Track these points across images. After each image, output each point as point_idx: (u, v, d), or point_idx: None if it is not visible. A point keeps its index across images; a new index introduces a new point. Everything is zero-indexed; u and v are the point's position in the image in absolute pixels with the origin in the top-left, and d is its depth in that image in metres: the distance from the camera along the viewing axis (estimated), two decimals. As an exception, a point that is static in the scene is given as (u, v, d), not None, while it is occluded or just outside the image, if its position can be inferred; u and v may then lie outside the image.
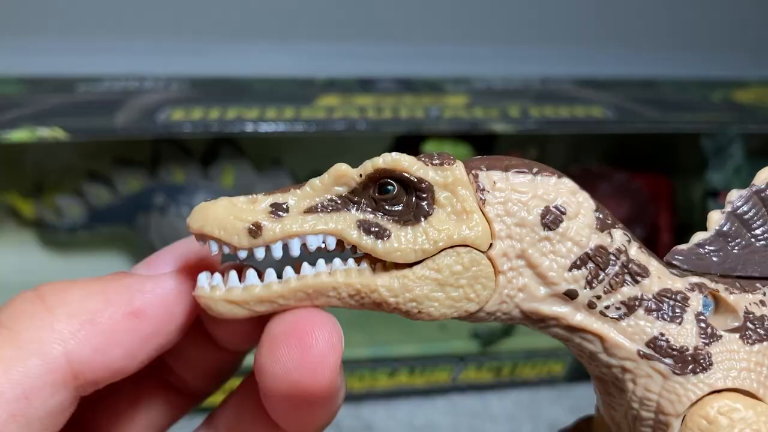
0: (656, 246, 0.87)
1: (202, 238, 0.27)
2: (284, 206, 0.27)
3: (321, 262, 0.27)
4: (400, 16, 1.07)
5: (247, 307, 0.27)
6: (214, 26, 1.03)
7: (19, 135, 0.64)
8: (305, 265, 0.27)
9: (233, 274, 0.27)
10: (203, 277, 0.27)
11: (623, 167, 0.87)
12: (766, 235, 0.30)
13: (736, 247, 0.30)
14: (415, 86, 0.82)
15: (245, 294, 0.27)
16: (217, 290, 0.27)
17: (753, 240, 0.30)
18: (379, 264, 0.27)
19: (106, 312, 0.28)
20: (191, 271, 0.29)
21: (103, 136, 0.68)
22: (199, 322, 0.31)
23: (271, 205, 0.27)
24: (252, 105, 0.71)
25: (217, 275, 0.27)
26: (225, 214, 0.26)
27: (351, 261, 0.27)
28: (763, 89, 0.89)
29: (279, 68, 0.92)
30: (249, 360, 0.72)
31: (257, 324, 0.28)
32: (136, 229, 0.78)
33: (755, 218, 0.30)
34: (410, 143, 0.76)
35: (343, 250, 0.28)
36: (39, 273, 0.81)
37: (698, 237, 0.30)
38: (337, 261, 0.27)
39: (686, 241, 0.31)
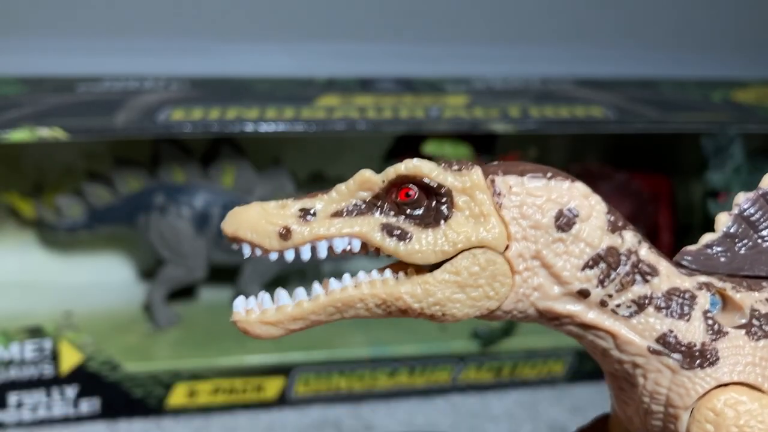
0: (656, 245, 0.87)
1: (236, 240, 0.28)
2: (312, 211, 0.29)
3: (346, 276, 0.29)
4: (400, 16, 1.07)
5: (282, 326, 0.28)
6: (214, 26, 1.03)
7: (20, 135, 0.64)
8: (332, 280, 0.29)
9: (266, 296, 0.29)
10: (239, 302, 0.29)
11: (623, 167, 0.87)
12: None
13: (743, 248, 0.31)
14: (415, 86, 0.82)
15: (279, 314, 0.28)
16: (253, 313, 0.28)
17: (760, 241, 0.31)
18: (401, 273, 0.29)
19: None
20: None
21: (103, 136, 0.68)
22: None
23: (300, 210, 0.29)
24: (252, 105, 0.71)
25: (252, 299, 0.29)
26: (257, 218, 0.28)
27: (375, 272, 0.29)
28: (763, 89, 0.89)
29: (279, 68, 0.92)
30: (247, 361, 0.72)
31: None
32: (136, 229, 0.78)
33: (762, 220, 0.31)
34: (410, 143, 0.76)
35: (367, 252, 0.29)
36: (39, 273, 0.81)
37: (707, 238, 0.31)
38: (361, 274, 0.29)
39: (686, 240, 0.32)
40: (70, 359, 0.70)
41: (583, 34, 1.13)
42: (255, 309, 0.28)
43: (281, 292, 0.29)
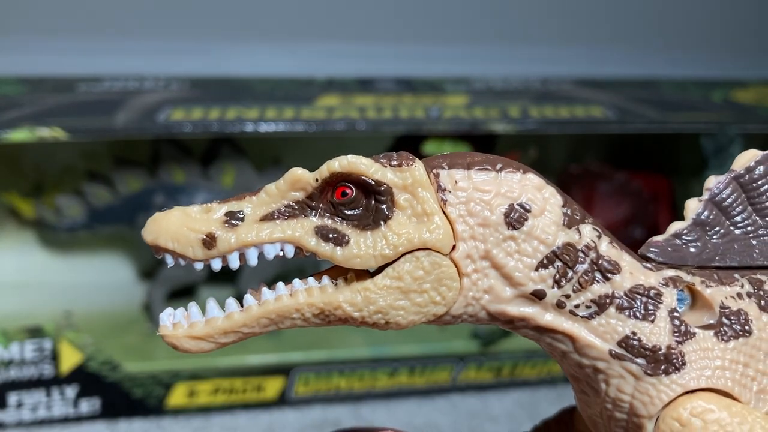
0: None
1: (157, 250, 0.26)
2: (239, 215, 0.26)
3: (280, 285, 0.27)
4: (400, 16, 1.07)
5: (212, 340, 0.27)
6: (214, 27, 1.03)
7: (20, 135, 0.64)
8: (264, 290, 0.27)
9: (195, 308, 0.27)
10: (165, 315, 0.27)
11: (623, 167, 0.87)
12: (746, 222, 0.29)
13: (714, 236, 0.29)
14: (415, 86, 0.82)
15: (208, 328, 0.26)
16: (180, 327, 0.27)
17: (732, 228, 0.29)
18: (341, 279, 0.27)
19: None
20: None
21: (103, 136, 0.68)
22: None
23: (226, 214, 0.26)
24: (252, 105, 0.71)
25: (179, 310, 0.27)
26: (178, 225, 0.26)
27: (311, 279, 0.27)
28: (763, 89, 0.89)
29: (279, 68, 0.92)
30: (247, 361, 0.72)
31: None
32: (136, 229, 0.78)
33: (734, 205, 0.29)
34: (410, 143, 0.76)
35: (303, 256, 0.27)
36: (39, 273, 0.81)
37: (675, 227, 0.29)
38: (296, 282, 0.27)
39: None
40: (70, 359, 0.70)
41: (583, 35, 1.13)
42: (183, 322, 0.27)
43: (211, 303, 0.27)
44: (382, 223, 0.26)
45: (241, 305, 0.26)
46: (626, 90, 0.85)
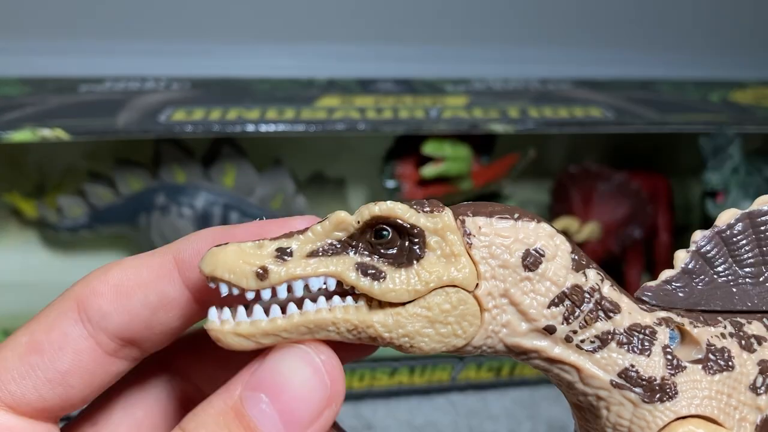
0: (655, 246, 0.87)
1: (214, 280, 0.29)
2: (288, 250, 0.29)
3: (322, 299, 0.29)
4: (400, 17, 1.08)
5: (253, 339, 0.29)
6: (215, 27, 1.03)
7: (22, 135, 0.64)
8: (307, 302, 0.29)
9: (241, 309, 0.29)
10: (213, 312, 0.29)
11: (622, 167, 0.87)
12: (727, 272, 0.33)
13: (700, 284, 0.33)
14: (414, 87, 0.83)
15: (252, 328, 0.29)
16: (227, 324, 0.29)
17: (715, 276, 0.33)
18: (375, 301, 0.29)
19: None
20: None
21: (104, 137, 0.69)
22: None
23: (277, 250, 0.29)
24: (253, 106, 0.72)
25: (227, 310, 0.29)
26: (234, 258, 0.28)
27: (349, 299, 0.29)
28: (761, 90, 0.89)
29: (279, 69, 0.93)
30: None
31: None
32: (138, 229, 0.79)
33: (717, 257, 0.33)
34: (410, 143, 0.76)
35: (343, 290, 0.30)
36: (41, 273, 0.82)
37: (666, 274, 0.33)
38: (336, 298, 0.29)
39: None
40: (71, 358, 0.70)
41: (581, 36, 1.14)
42: (230, 320, 0.29)
43: (257, 307, 0.29)
44: (414, 261, 0.29)
45: (283, 313, 0.29)
46: (625, 91, 0.86)
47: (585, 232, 0.80)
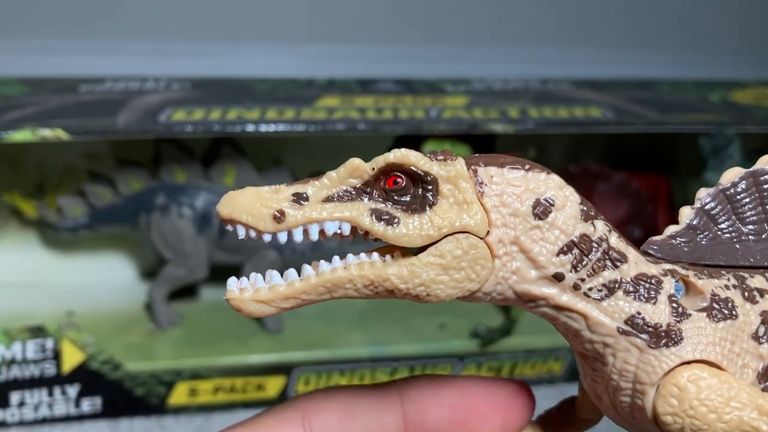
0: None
1: (231, 223, 0.29)
2: (304, 195, 0.30)
3: (336, 258, 0.30)
4: (400, 17, 1.08)
5: (274, 305, 0.29)
6: (215, 27, 1.03)
7: (22, 135, 0.64)
8: (322, 262, 0.30)
9: (258, 276, 0.30)
10: (232, 282, 0.30)
11: (622, 167, 0.87)
12: (730, 228, 0.34)
13: (704, 239, 0.33)
14: (414, 87, 0.83)
15: (271, 293, 0.29)
16: (246, 292, 0.29)
17: (719, 233, 0.34)
18: (388, 256, 0.30)
19: None
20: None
21: (104, 137, 0.69)
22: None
23: (293, 194, 0.30)
24: (253, 106, 0.72)
25: (244, 279, 0.30)
26: (252, 201, 0.29)
27: (363, 255, 0.30)
28: (761, 90, 0.89)
29: (279, 69, 0.93)
30: (248, 360, 0.72)
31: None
32: (138, 229, 0.79)
33: (720, 214, 0.34)
34: (410, 143, 0.76)
35: (356, 236, 0.30)
36: (41, 273, 0.82)
37: (671, 230, 0.34)
38: (350, 256, 0.30)
39: None
40: (71, 358, 0.71)
41: (581, 36, 1.14)
42: (248, 288, 0.29)
43: (273, 273, 0.30)
44: (427, 208, 0.30)
45: (299, 275, 0.30)
46: (625, 91, 0.86)
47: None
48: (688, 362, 0.31)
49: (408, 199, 0.30)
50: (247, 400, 0.73)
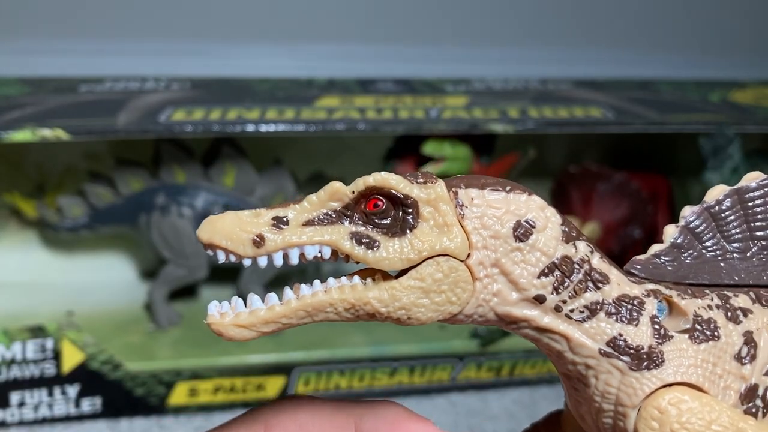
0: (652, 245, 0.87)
1: (211, 247, 0.29)
2: (284, 219, 0.30)
3: (317, 282, 0.30)
4: (400, 17, 1.08)
5: (254, 329, 0.30)
6: (214, 27, 1.03)
7: (22, 135, 0.64)
8: (303, 286, 0.30)
9: (239, 300, 0.30)
10: (213, 306, 0.30)
11: (622, 167, 0.87)
12: (715, 247, 0.34)
13: (688, 258, 0.33)
14: (414, 87, 0.83)
15: (251, 318, 0.29)
16: (227, 317, 0.30)
17: (704, 251, 0.34)
18: (369, 279, 0.30)
19: None
20: None
21: (104, 137, 0.69)
22: None
23: (273, 218, 0.30)
24: (253, 106, 0.72)
25: (225, 303, 0.30)
26: (231, 226, 0.29)
27: (344, 278, 0.30)
28: (761, 90, 0.89)
29: (279, 69, 0.93)
30: (248, 360, 0.72)
31: None
32: (138, 229, 0.79)
33: (705, 232, 0.34)
34: (410, 143, 0.76)
35: (337, 259, 0.30)
36: (41, 273, 0.82)
37: (655, 248, 0.34)
38: (331, 280, 0.30)
39: None
40: (71, 358, 0.71)
41: (581, 36, 1.14)
42: (229, 312, 0.30)
43: (254, 297, 0.30)
44: (408, 231, 0.30)
45: (280, 300, 0.30)
46: (625, 91, 0.86)
47: (585, 232, 0.80)
48: (670, 384, 0.31)
49: (388, 222, 0.30)
50: (247, 400, 0.73)
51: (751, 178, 0.34)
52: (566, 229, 0.31)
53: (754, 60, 1.15)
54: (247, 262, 0.29)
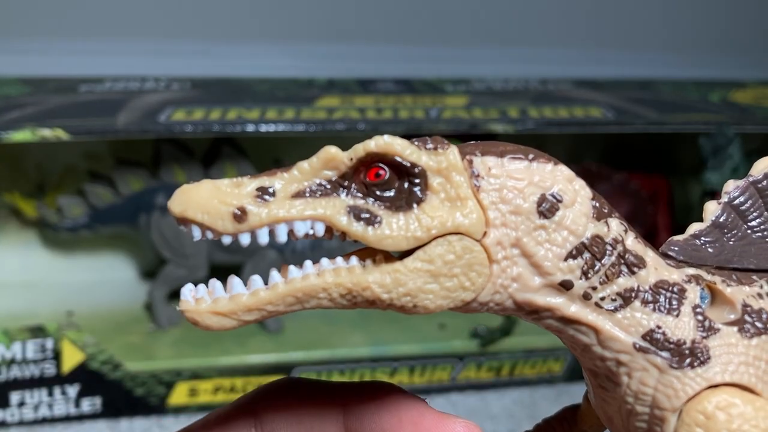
0: (654, 246, 0.87)
1: (184, 222, 0.25)
2: (270, 190, 0.25)
3: (308, 263, 0.26)
4: (400, 17, 1.08)
5: (235, 317, 0.25)
6: (214, 28, 1.04)
7: (22, 135, 0.64)
8: (292, 267, 0.26)
9: (218, 284, 0.26)
10: (186, 290, 0.26)
11: (622, 167, 0.87)
12: (762, 226, 0.29)
13: (732, 239, 0.29)
14: (414, 87, 0.83)
15: (232, 304, 0.25)
16: (203, 303, 0.25)
17: (749, 231, 0.29)
18: (369, 261, 0.26)
19: None
20: None
21: (104, 137, 0.69)
22: None
23: (257, 189, 0.25)
24: (252, 106, 0.72)
25: (201, 286, 0.26)
26: (208, 197, 0.25)
27: (339, 259, 0.26)
28: (761, 90, 0.89)
29: (279, 69, 0.93)
30: (247, 360, 0.72)
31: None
32: (138, 229, 0.79)
33: (751, 209, 0.29)
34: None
35: (331, 237, 0.26)
36: (41, 273, 0.82)
37: (694, 228, 0.29)
38: (324, 261, 0.26)
39: None
40: (71, 358, 0.71)
41: (581, 36, 1.14)
42: (206, 297, 0.25)
43: (235, 280, 0.26)
44: (414, 205, 0.26)
45: (266, 283, 0.26)
46: (625, 91, 0.86)
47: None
48: (717, 385, 0.26)
49: (392, 194, 0.26)
50: (247, 400, 0.73)
51: None
52: (597, 204, 0.27)
53: (754, 60, 1.15)
54: (226, 240, 0.25)
